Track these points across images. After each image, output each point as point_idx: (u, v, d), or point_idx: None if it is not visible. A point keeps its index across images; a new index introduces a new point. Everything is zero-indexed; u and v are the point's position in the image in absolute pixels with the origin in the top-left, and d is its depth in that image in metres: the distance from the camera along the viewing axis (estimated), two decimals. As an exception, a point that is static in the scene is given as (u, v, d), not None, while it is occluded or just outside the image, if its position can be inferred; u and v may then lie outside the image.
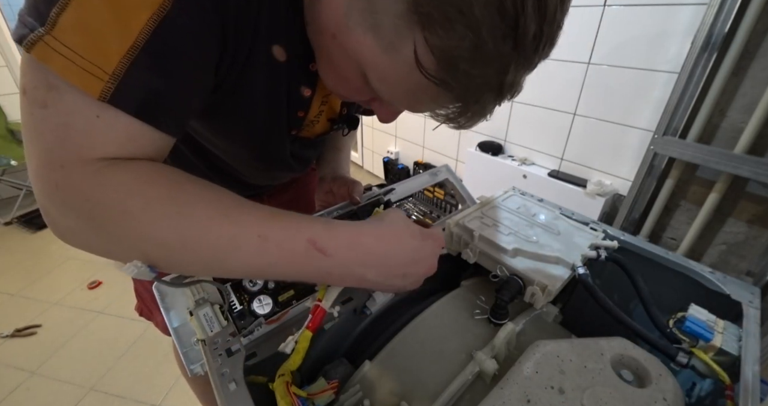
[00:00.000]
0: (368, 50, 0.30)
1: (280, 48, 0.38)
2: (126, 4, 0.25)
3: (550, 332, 0.52)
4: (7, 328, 1.54)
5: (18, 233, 2.23)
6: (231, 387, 0.36)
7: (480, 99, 0.32)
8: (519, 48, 0.27)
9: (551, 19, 0.27)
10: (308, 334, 0.38)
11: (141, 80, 0.27)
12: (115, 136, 0.28)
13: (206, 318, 0.40)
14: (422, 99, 0.33)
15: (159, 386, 1.31)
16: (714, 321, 0.42)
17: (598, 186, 1.43)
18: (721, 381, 0.38)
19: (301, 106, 0.45)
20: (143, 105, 0.27)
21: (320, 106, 0.49)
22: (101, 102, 0.26)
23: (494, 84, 0.30)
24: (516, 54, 0.28)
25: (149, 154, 0.31)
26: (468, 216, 0.58)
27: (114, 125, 0.27)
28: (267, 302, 0.42)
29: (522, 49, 0.28)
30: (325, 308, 0.39)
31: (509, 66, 0.29)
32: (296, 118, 0.47)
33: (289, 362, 0.37)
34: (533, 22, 0.26)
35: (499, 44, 0.27)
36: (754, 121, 1.04)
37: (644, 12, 1.21)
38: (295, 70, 0.41)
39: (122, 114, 0.27)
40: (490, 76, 0.29)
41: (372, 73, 0.33)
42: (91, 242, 0.31)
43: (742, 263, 1.22)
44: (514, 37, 0.26)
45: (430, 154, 2.38)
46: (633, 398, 0.35)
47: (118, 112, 0.27)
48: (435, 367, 0.44)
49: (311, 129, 0.53)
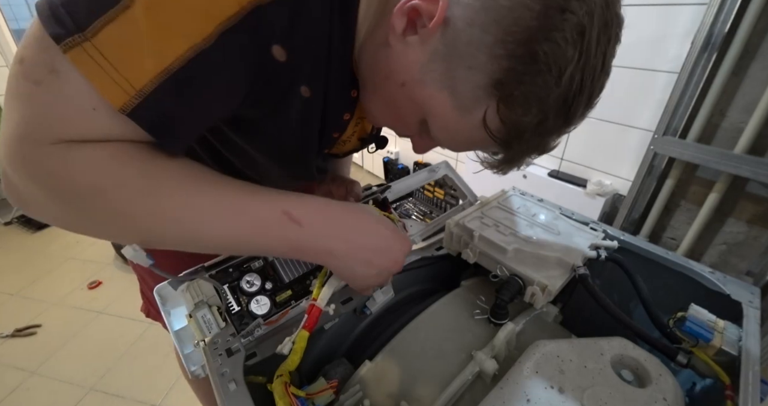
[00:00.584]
0: (439, 105, 0.34)
1: (307, 88, 0.37)
2: (172, 29, 0.26)
3: (550, 332, 0.52)
4: (7, 328, 1.54)
5: (18, 233, 2.23)
6: (231, 387, 0.36)
7: (527, 157, 0.38)
8: (568, 123, 0.34)
9: (591, 105, 0.34)
10: (305, 334, 0.38)
11: (163, 103, 0.28)
12: (108, 132, 0.29)
13: (204, 320, 0.41)
14: (474, 148, 0.39)
15: (159, 386, 1.30)
16: (714, 321, 0.42)
17: (598, 186, 1.43)
18: (721, 381, 0.38)
19: (337, 129, 0.46)
20: (156, 125, 0.29)
21: (354, 126, 0.50)
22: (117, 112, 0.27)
23: (541, 147, 0.37)
24: (565, 127, 0.34)
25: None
26: (468, 216, 0.58)
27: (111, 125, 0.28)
28: (264, 303, 0.43)
29: (569, 124, 0.34)
30: (320, 306, 0.39)
31: (556, 136, 0.36)
32: (331, 138, 0.47)
33: (287, 363, 0.37)
34: (581, 106, 0.32)
35: (557, 122, 0.33)
36: (754, 121, 1.04)
37: (644, 12, 1.20)
38: (338, 98, 0.41)
39: (131, 123, 0.28)
40: (540, 142, 0.36)
41: (436, 123, 0.36)
42: (56, 216, 0.31)
43: (742, 263, 1.22)
44: (566, 115, 0.33)
45: (430, 154, 2.38)
46: (633, 398, 0.35)
47: (128, 120, 0.28)
48: (435, 367, 0.44)
49: (341, 147, 0.54)
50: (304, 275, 0.47)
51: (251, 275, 0.44)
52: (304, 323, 0.38)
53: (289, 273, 0.46)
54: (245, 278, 0.43)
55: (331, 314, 0.43)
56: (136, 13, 0.25)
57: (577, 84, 0.30)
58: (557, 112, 0.32)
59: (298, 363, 0.37)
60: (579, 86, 0.30)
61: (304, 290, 0.46)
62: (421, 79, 0.33)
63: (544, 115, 0.31)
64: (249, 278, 0.43)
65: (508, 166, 0.39)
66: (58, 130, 0.28)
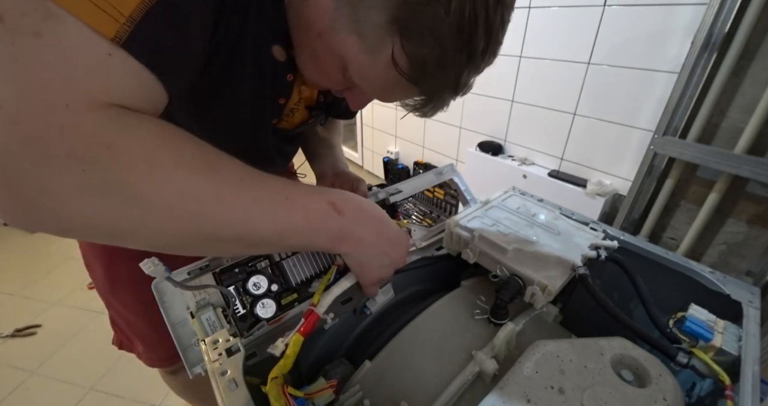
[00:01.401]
0: (351, 49, 0.36)
1: (254, 43, 0.40)
2: None
3: (550, 332, 0.52)
4: (7, 328, 1.54)
5: (18, 233, 2.23)
6: (231, 387, 0.36)
7: (441, 95, 0.40)
8: (471, 58, 0.36)
9: (495, 39, 0.36)
10: (299, 338, 0.38)
11: (154, 29, 0.26)
12: (128, 79, 0.25)
13: (209, 322, 0.40)
14: (394, 92, 0.41)
15: (159, 386, 1.30)
16: (714, 321, 0.42)
17: (598, 186, 1.43)
18: (721, 381, 0.38)
19: (282, 93, 0.48)
20: (153, 55, 0.26)
21: (298, 93, 0.52)
22: (113, 44, 0.24)
23: (452, 83, 0.39)
24: (468, 63, 0.36)
25: (150, 112, 0.28)
26: (468, 216, 0.58)
27: (125, 68, 0.25)
28: (270, 306, 0.42)
29: (473, 59, 0.36)
30: (319, 313, 0.39)
31: (464, 70, 0.37)
32: (277, 105, 0.49)
33: (279, 366, 0.37)
34: (482, 40, 0.35)
35: (457, 54, 0.35)
36: (754, 121, 1.04)
37: (644, 12, 1.20)
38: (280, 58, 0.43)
39: (132, 60, 0.25)
40: (449, 77, 0.38)
41: (352, 68, 0.38)
42: (88, 208, 0.24)
43: (742, 263, 1.22)
44: (468, 49, 0.35)
45: (430, 154, 2.38)
46: (633, 398, 0.35)
47: (128, 56, 0.25)
48: (435, 367, 0.44)
49: (291, 119, 0.55)
50: (310, 277, 0.47)
51: (258, 276, 0.43)
52: (300, 327, 0.38)
53: (296, 275, 0.46)
54: (252, 280, 0.43)
55: (328, 322, 0.43)
56: None
57: (470, 13, 0.32)
58: (456, 44, 0.34)
59: (291, 366, 0.37)
60: (472, 16, 0.32)
61: (308, 293, 0.46)
62: (332, 27, 0.35)
63: (442, 46, 0.33)
64: (256, 280, 0.43)
65: (429, 106, 0.42)
66: (91, 87, 0.23)
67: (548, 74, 1.53)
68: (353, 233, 0.38)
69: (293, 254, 0.47)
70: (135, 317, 0.63)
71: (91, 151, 0.23)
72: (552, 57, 1.51)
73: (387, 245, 0.42)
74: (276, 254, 0.46)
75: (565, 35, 1.44)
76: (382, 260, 0.42)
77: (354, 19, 0.34)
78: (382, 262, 0.42)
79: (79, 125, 0.23)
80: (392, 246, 0.42)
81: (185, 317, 0.42)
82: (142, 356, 0.70)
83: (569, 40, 1.43)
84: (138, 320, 0.63)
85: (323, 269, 0.49)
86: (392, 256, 0.43)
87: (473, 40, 0.34)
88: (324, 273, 0.48)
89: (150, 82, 0.27)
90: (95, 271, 0.61)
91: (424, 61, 0.35)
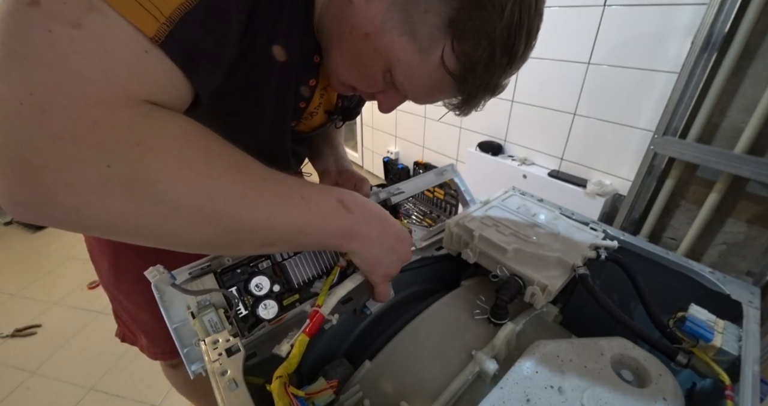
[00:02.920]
0: (401, 49, 0.37)
1: (280, 48, 0.40)
2: None
3: (550, 332, 0.52)
4: (7, 328, 1.54)
5: (18, 233, 2.23)
6: (231, 387, 0.36)
7: (481, 95, 0.42)
8: (511, 61, 0.38)
9: (531, 44, 0.39)
10: (305, 339, 0.38)
11: (192, 31, 0.26)
12: (161, 78, 0.26)
13: (211, 324, 0.40)
14: (436, 92, 0.42)
15: (159, 386, 1.30)
16: (714, 321, 0.42)
17: (598, 186, 1.43)
18: (721, 381, 0.38)
19: (303, 98, 0.49)
20: (187, 56, 0.27)
21: (319, 98, 0.52)
22: (151, 42, 0.24)
23: (492, 85, 0.41)
24: (508, 65, 0.39)
25: (175, 110, 0.29)
26: (468, 216, 0.58)
27: (160, 67, 0.26)
28: (272, 307, 0.43)
29: (513, 61, 0.39)
30: (324, 314, 0.39)
31: (504, 73, 0.40)
32: (298, 109, 0.50)
33: (284, 365, 0.37)
34: (522, 43, 0.37)
35: (503, 58, 0.37)
36: (754, 121, 1.04)
37: (644, 12, 1.20)
38: (302, 64, 0.44)
39: (167, 59, 0.26)
40: (491, 79, 0.40)
41: (400, 69, 0.39)
42: (111, 204, 0.23)
43: (742, 263, 1.22)
44: (510, 53, 0.37)
45: (430, 154, 2.38)
46: (633, 398, 0.35)
47: (164, 55, 0.25)
48: (435, 367, 0.44)
49: (309, 122, 0.55)
50: (312, 278, 0.47)
51: (260, 277, 0.43)
52: (305, 327, 0.38)
53: (298, 275, 0.46)
54: (254, 281, 0.43)
55: (333, 323, 0.43)
56: None
57: (516, 18, 0.34)
58: (503, 47, 0.36)
59: (296, 366, 0.37)
60: (518, 21, 0.35)
61: (311, 294, 0.46)
62: (382, 28, 0.36)
63: (492, 49, 0.36)
64: (258, 281, 0.43)
65: (467, 105, 0.44)
66: (127, 83, 0.23)
67: (548, 74, 1.53)
68: (361, 231, 0.39)
69: (295, 254, 0.47)
70: (139, 310, 0.63)
71: (121, 147, 0.23)
72: (552, 57, 1.51)
73: (394, 240, 0.42)
74: (278, 254, 0.46)
75: (565, 35, 1.44)
76: (391, 256, 0.42)
77: (407, 22, 0.36)
78: (390, 257, 0.42)
79: (112, 120, 0.22)
80: (398, 242, 0.43)
81: (185, 316, 0.42)
82: (145, 349, 0.71)
83: (569, 40, 1.43)
84: (142, 314, 0.64)
85: (325, 270, 0.49)
86: (399, 251, 0.43)
87: (516, 44, 0.36)
88: (326, 274, 0.48)
89: (180, 82, 0.28)
90: (101, 265, 0.61)
91: (474, 61, 0.37)
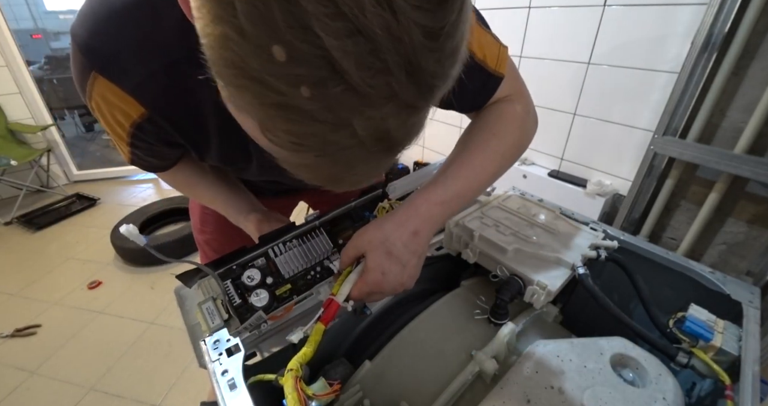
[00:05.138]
0: (251, 130, 0.29)
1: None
2: (116, 130, 0.43)
3: (550, 332, 0.52)
4: (7, 328, 1.54)
5: (18, 233, 2.23)
6: (231, 387, 0.36)
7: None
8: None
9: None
10: (321, 327, 0.38)
11: (136, 155, 0.47)
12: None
13: (208, 311, 0.43)
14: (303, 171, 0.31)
15: (159, 386, 1.30)
16: (714, 321, 0.42)
17: (598, 186, 1.43)
18: (721, 381, 0.38)
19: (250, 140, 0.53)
20: (143, 167, 0.51)
21: None
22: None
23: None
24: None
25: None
26: (468, 216, 0.58)
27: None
28: (264, 296, 0.44)
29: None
30: (339, 301, 0.39)
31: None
32: (252, 150, 0.51)
33: (299, 356, 0.36)
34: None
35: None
36: (754, 121, 1.04)
37: (644, 12, 1.21)
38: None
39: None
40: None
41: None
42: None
43: (742, 263, 1.22)
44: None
45: (430, 154, 2.38)
46: (633, 398, 0.35)
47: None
48: (435, 367, 0.44)
49: None
50: (304, 270, 0.48)
51: (252, 270, 0.46)
52: (321, 315, 0.38)
53: (288, 270, 0.47)
54: (246, 274, 0.45)
55: (348, 310, 0.44)
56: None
57: None
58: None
59: (311, 356, 0.37)
60: None
61: (306, 284, 0.47)
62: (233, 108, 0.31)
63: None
64: (249, 274, 0.45)
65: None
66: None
67: (548, 74, 1.53)
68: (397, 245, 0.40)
69: (287, 251, 0.48)
70: (213, 236, 0.85)
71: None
72: (552, 57, 1.51)
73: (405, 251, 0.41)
74: (270, 251, 0.48)
75: (565, 35, 1.44)
76: (400, 269, 0.41)
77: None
78: (400, 269, 0.41)
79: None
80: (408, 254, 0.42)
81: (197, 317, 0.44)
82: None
83: (569, 40, 1.43)
84: (218, 238, 0.85)
85: (314, 264, 0.49)
86: (408, 263, 0.42)
87: None
88: (315, 268, 0.49)
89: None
90: (195, 214, 0.85)
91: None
